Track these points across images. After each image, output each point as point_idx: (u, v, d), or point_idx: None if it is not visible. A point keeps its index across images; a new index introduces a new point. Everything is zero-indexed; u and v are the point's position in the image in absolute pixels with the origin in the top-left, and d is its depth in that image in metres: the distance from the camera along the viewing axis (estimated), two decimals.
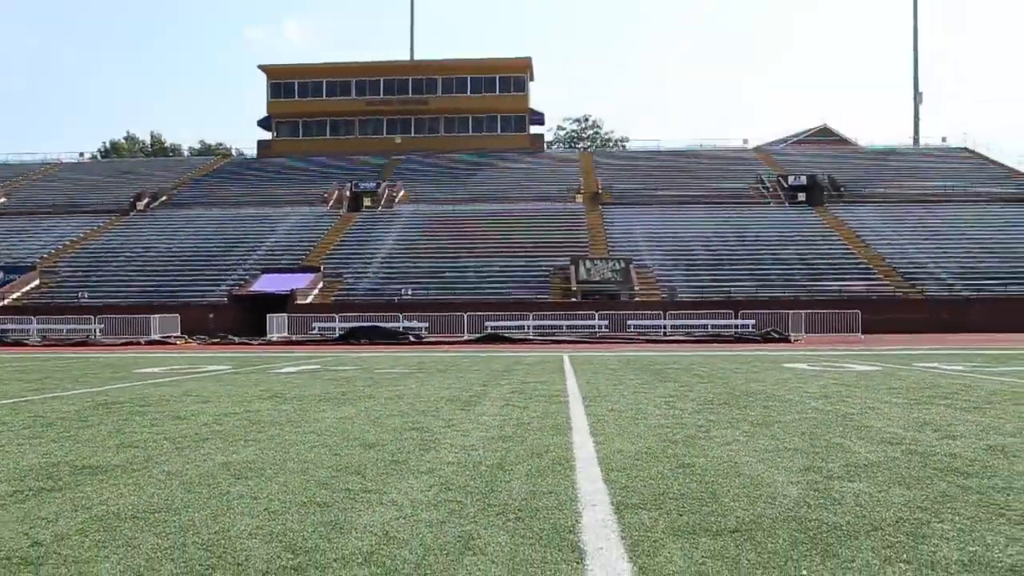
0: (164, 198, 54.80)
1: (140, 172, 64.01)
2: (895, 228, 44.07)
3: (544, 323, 32.42)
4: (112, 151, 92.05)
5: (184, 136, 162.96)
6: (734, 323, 31.34)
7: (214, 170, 63.97)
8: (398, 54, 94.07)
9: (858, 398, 8.56)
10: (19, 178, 61.20)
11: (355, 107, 65.33)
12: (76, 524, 3.50)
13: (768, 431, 6.17)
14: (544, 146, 70.07)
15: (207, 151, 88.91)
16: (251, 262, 41.56)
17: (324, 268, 40.31)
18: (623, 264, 38.29)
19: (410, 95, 65.00)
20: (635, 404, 8.13)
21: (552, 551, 3.05)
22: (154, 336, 31.50)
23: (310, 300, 36.94)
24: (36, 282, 40.39)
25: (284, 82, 65.77)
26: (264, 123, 67.73)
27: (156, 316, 33.40)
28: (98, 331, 33.55)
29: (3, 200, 55.26)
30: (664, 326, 31.98)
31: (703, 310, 32.88)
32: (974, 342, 23.78)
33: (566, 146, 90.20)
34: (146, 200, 53.73)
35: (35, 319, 34.33)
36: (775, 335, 27.06)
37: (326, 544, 3.16)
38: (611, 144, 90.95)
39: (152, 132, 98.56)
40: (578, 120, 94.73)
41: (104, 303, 36.62)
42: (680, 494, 3.99)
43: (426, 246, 43.57)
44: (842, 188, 51.76)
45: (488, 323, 31.85)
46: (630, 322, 32.52)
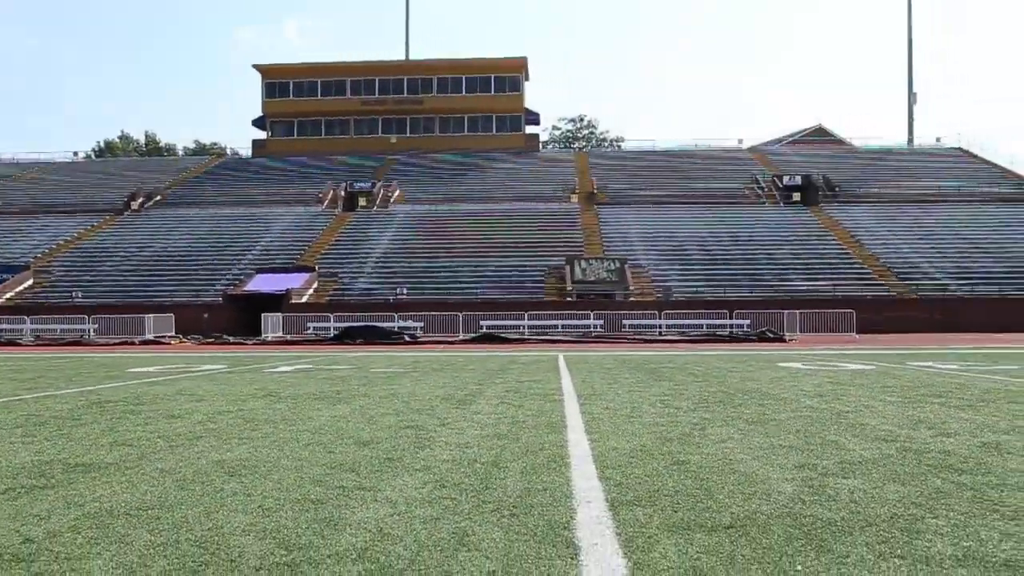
0: (158, 198, 54.68)
1: (134, 172, 63.86)
2: (889, 228, 44.19)
3: (539, 323, 32.43)
4: (106, 151, 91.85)
5: (179, 136, 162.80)
6: (729, 323, 31.39)
7: (209, 170, 63.86)
8: (393, 54, 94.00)
9: (852, 396, 8.57)
10: (12, 177, 60.99)
11: (350, 107, 65.29)
12: (68, 521, 3.48)
13: (763, 429, 6.17)
14: (539, 146, 70.14)
15: (202, 151, 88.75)
16: (246, 262, 41.49)
17: (319, 268, 40.26)
18: (618, 264, 38.32)
19: (405, 95, 64.98)
20: (630, 403, 8.13)
21: (546, 547, 3.04)
22: (148, 336, 31.42)
23: (305, 300, 36.90)
24: (29, 282, 40.27)
25: (279, 82, 65.70)
26: (259, 123, 67.66)
27: (150, 316, 33.31)
28: (92, 331, 33.45)
29: None
30: (659, 326, 32.01)
31: (698, 310, 32.91)
32: (968, 342, 23.85)
33: (561, 146, 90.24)
34: (140, 200, 53.62)
35: (28, 319, 34.22)
36: (770, 335, 27.11)
37: (320, 541, 3.15)
38: (606, 144, 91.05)
39: (147, 132, 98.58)
40: (573, 120, 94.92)
41: (98, 303, 36.52)
42: (675, 491, 3.98)
43: (421, 246, 43.55)
44: (837, 188, 51.89)
45: (483, 323, 31.84)
46: (625, 322, 32.54)
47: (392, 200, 52.86)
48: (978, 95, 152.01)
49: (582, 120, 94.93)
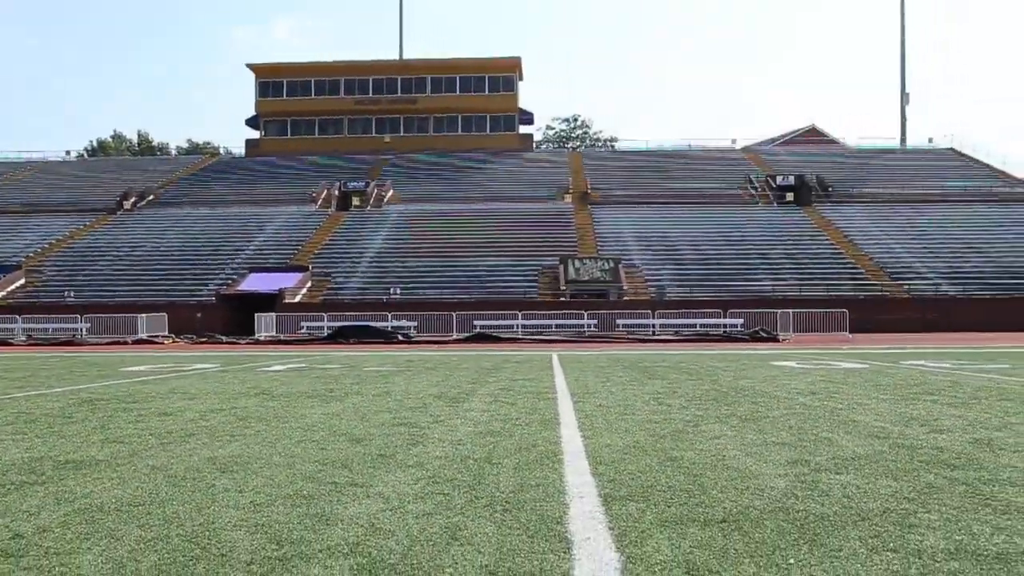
0: (151, 197, 54.50)
1: (127, 171, 63.60)
2: (882, 228, 44.31)
3: (533, 323, 32.42)
4: (99, 150, 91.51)
5: (172, 135, 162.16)
6: (723, 322, 31.43)
7: (202, 169, 63.67)
8: (387, 54, 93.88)
9: (846, 394, 8.58)
10: (4, 176, 60.70)
11: (344, 106, 65.18)
12: (58, 517, 3.46)
13: (756, 426, 6.18)
14: (533, 146, 70.15)
15: (195, 150, 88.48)
16: (239, 261, 41.38)
17: (312, 267, 40.18)
18: (612, 264, 38.34)
19: (399, 94, 64.90)
20: (623, 400, 8.13)
21: (539, 541, 3.04)
22: (141, 335, 31.31)
23: (298, 299, 36.82)
24: (21, 281, 40.10)
25: (272, 81, 65.55)
26: (252, 122, 67.49)
27: (143, 315, 33.19)
28: (84, 330, 33.33)
29: None
30: (653, 325, 32.03)
31: (692, 309, 32.94)
32: (960, 341, 23.93)
33: (555, 146, 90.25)
34: (133, 199, 53.43)
35: (20, 318, 34.07)
36: (763, 334, 27.14)
37: (311, 535, 3.13)
38: (600, 144, 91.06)
39: (139, 131, 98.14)
40: (567, 120, 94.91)
41: (90, 302, 36.38)
42: (668, 486, 3.98)
43: (415, 245, 43.50)
44: (830, 188, 52.01)
45: (477, 323, 31.82)
46: (619, 321, 32.56)
47: (386, 200, 52.79)
48: (978, 95, 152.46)
49: (576, 120, 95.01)
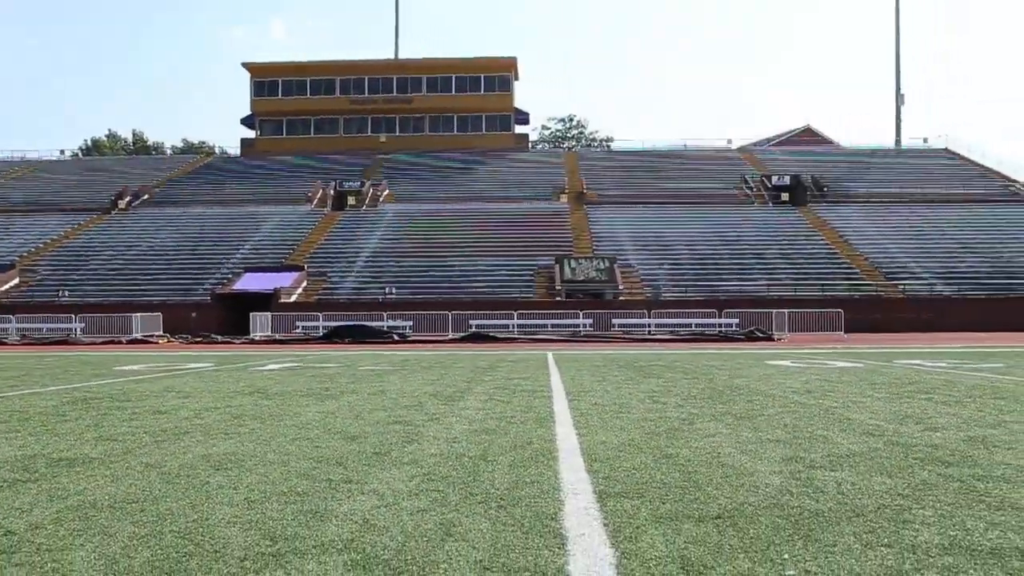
0: (146, 196, 54.38)
1: (122, 170, 63.46)
2: (877, 228, 44.41)
3: (529, 322, 32.42)
4: (93, 149, 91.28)
5: (167, 135, 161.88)
6: (718, 322, 31.47)
7: (197, 169, 63.56)
8: (383, 53, 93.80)
9: (840, 393, 8.60)
10: None
11: (339, 106, 65.11)
12: (51, 514, 3.44)
13: (751, 424, 6.18)
14: (529, 145, 70.15)
15: (190, 149, 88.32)
16: (234, 261, 41.31)
17: (308, 267, 40.13)
18: (607, 263, 38.36)
19: (394, 94, 64.85)
20: (619, 399, 8.13)
21: (534, 537, 3.03)
22: (136, 335, 31.24)
23: (294, 299, 36.77)
24: (15, 280, 39.98)
25: (268, 80, 65.45)
26: (247, 121, 67.37)
27: (138, 315, 33.12)
28: (79, 330, 33.24)
29: None
30: (648, 325, 32.06)
31: (687, 309, 32.98)
32: (955, 341, 23.98)
33: (551, 146, 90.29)
34: (128, 198, 53.30)
35: (14, 318, 33.96)
36: (759, 334, 27.18)
37: (305, 531, 3.13)
38: (595, 144, 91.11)
39: (134, 130, 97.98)
40: (563, 120, 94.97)
41: (85, 302, 36.29)
42: (663, 483, 3.98)
43: (410, 245, 43.47)
44: (825, 188, 52.10)
45: (472, 322, 31.82)
46: (614, 321, 32.58)
47: (381, 199, 52.75)
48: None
49: (571, 120, 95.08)
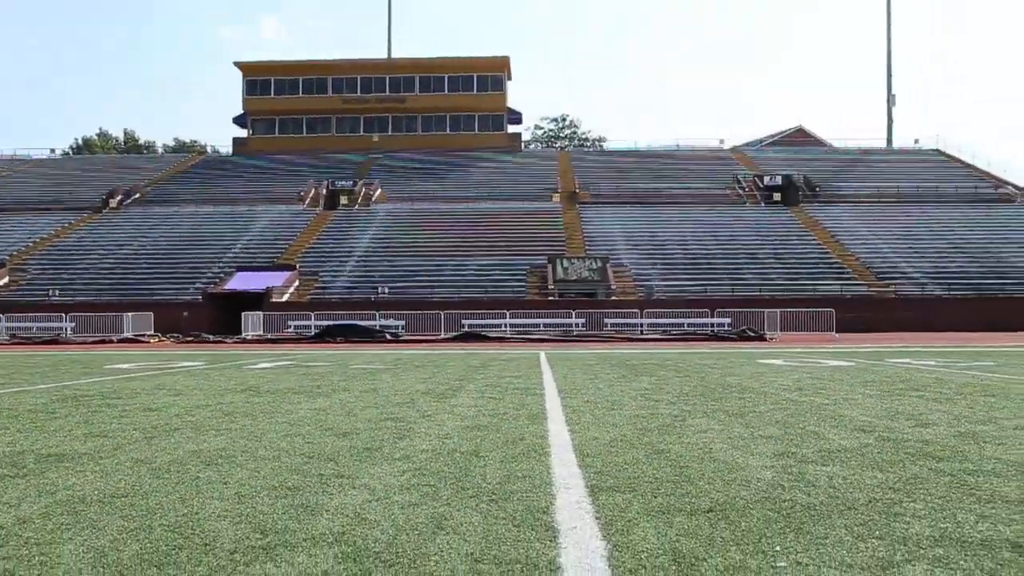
0: (138, 195, 54.17)
1: (113, 169, 63.20)
2: (869, 228, 44.56)
3: (521, 322, 32.42)
4: (84, 148, 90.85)
5: (158, 134, 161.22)
6: (710, 321, 31.53)
7: (189, 167, 63.35)
8: (376, 53, 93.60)
9: (832, 390, 8.62)
10: None
11: (332, 105, 64.99)
12: (40, 508, 3.42)
13: (743, 420, 6.19)
14: (522, 145, 70.15)
15: (182, 148, 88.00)
16: (226, 260, 41.19)
17: (300, 266, 40.04)
18: (600, 263, 38.39)
19: (387, 93, 64.76)
20: (611, 396, 8.13)
21: (525, 530, 3.02)
22: (126, 334, 31.10)
23: (286, 298, 36.68)
24: (5, 279, 39.76)
25: (260, 79, 65.28)
26: (240, 120, 67.19)
27: (129, 314, 32.97)
28: (69, 329, 33.08)
29: None
30: (641, 325, 32.09)
31: (679, 309, 33.03)
32: (946, 340, 24.09)
33: (544, 145, 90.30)
34: (119, 197, 53.09)
35: (3, 317, 33.75)
36: (751, 333, 27.24)
37: (296, 525, 3.11)
38: (588, 144, 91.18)
39: (125, 129, 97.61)
40: (556, 120, 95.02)
41: (75, 301, 36.11)
42: (655, 478, 3.98)
43: (403, 245, 43.42)
44: (817, 188, 52.26)
45: (465, 322, 31.80)
46: (607, 320, 32.61)
47: (374, 199, 52.67)
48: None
49: (564, 120, 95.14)
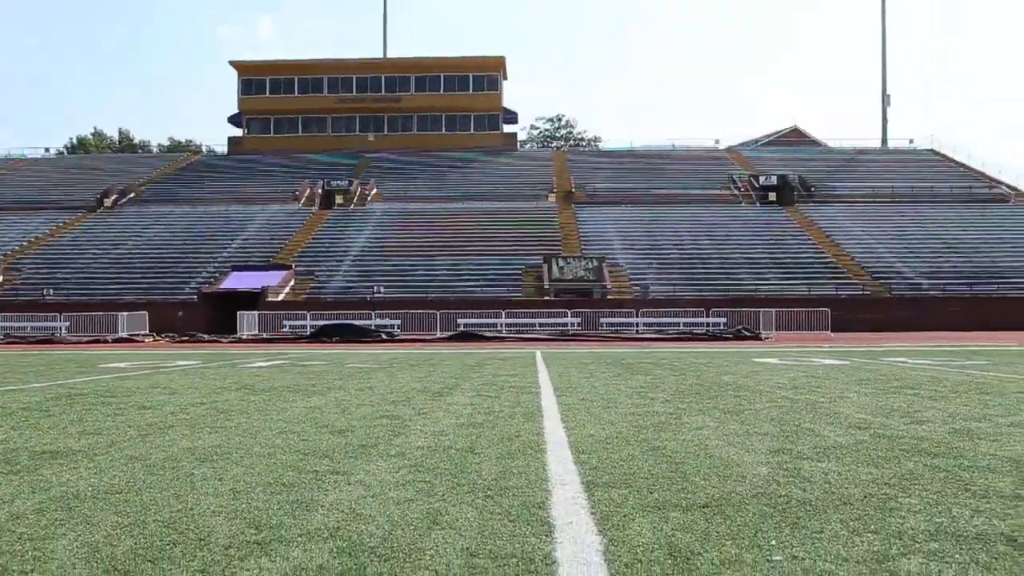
0: (132, 195, 54.04)
1: (108, 168, 63.03)
2: (864, 228, 44.65)
3: (517, 321, 32.42)
4: (79, 147, 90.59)
5: (153, 133, 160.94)
6: (706, 321, 31.57)
7: (184, 167, 63.23)
8: (371, 52, 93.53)
9: (827, 388, 8.63)
10: None
11: (327, 104, 64.91)
12: (33, 504, 3.41)
13: (738, 417, 6.19)
14: (517, 145, 70.13)
15: (177, 148, 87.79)
16: (221, 259, 41.12)
17: (295, 266, 39.99)
18: (596, 263, 38.41)
19: (383, 93, 64.71)
20: (606, 394, 8.13)
21: (521, 525, 3.02)
22: (121, 334, 31.02)
23: (281, 298, 36.63)
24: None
25: (255, 79, 65.17)
26: (235, 120, 67.07)
27: (124, 314, 32.89)
28: (63, 329, 32.99)
29: None
30: (636, 324, 32.12)
31: (675, 308, 33.06)
32: (940, 339, 24.15)
33: (539, 145, 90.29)
34: (114, 197, 52.96)
35: None
36: (746, 333, 27.28)
37: (291, 520, 3.10)
38: (584, 144, 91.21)
39: (120, 128, 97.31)
40: (551, 120, 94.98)
41: (70, 301, 36.02)
42: (650, 473, 3.98)
43: (398, 244, 43.39)
44: (812, 188, 52.35)
45: (461, 321, 31.79)
46: (603, 320, 32.63)
47: (369, 198, 52.63)
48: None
49: (560, 120, 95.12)
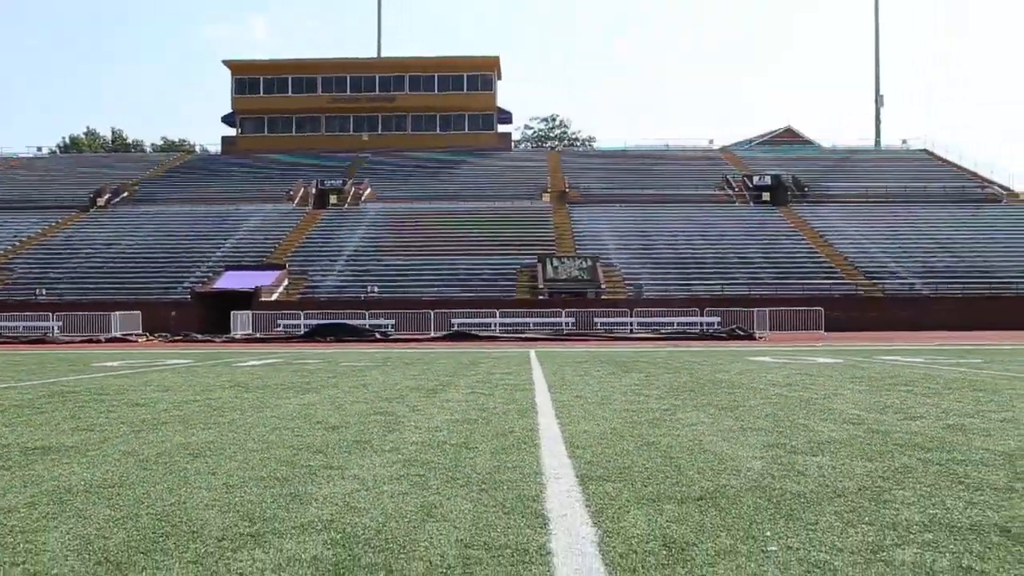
0: (126, 194, 53.83)
1: (101, 168, 62.78)
2: (857, 228, 44.74)
3: (511, 321, 32.40)
4: (72, 146, 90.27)
5: (146, 132, 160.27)
6: (700, 320, 31.60)
7: (177, 166, 63.03)
8: (365, 52, 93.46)
9: (821, 386, 8.65)
10: None
11: (321, 104, 64.77)
12: (25, 498, 3.39)
13: (733, 414, 6.20)
14: (512, 145, 70.09)
15: (170, 147, 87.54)
16: (215, 259, 40.99)
17: (289, 265, 39.89)
18: (590, 262, 38.42)
19: (377, 92, 64.60)
20: (601, 392, 8.14)
21: (516, 517, 3.02)
22: (114, 334, 30.90)
23: (275, 297, 36.54)
24: None
25: (249, 78, 65.00)
26: (228, 119, 66.89)
27: (117, 313, 32.75)
28: (56, 329, 32.84)
29: None
30: (630, 323, 32.13)
31: (669, 308, 33.08)
32: (933, 339, 24.22)
33: (533, 145, 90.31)
34: (107, 196, 52.76)
35: None
36: (740, 332, 27.31)
37: (285, 513, 3.09)
38: (578, 144, 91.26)
39: (113, 128, 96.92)
40: (545, 119, 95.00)
41: (62, 300, 35.87)
42: (645, 468, 3.98)
43: (393, 244, 43.33)
44: (806, 188, 52.44)
45: (455, 321, 31.75)
46: (597, 320, 32.63)
47: (363, 198, 52.54)
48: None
49: (554, 120, 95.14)
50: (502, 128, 67.74)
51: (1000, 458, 4.21)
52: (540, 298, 36.40)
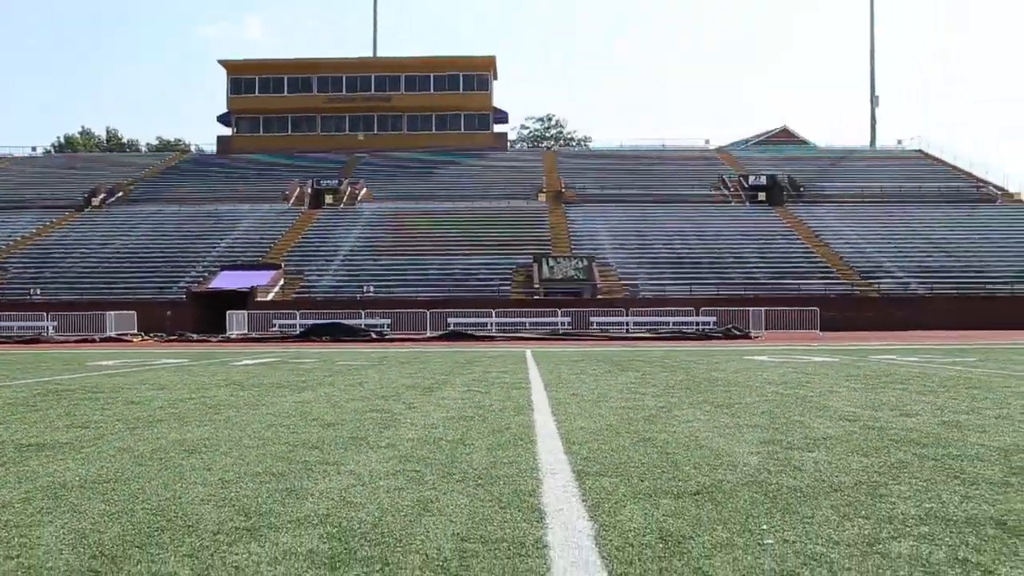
0: (121, 194, 53.71)
1: (96, 167, 62.62)
2: (853, 228, 44.82)
3: (507, 320, 32.38)
4: (67, 146, 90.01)
5: (141, 132, 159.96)
6: (696, 320, 31.61)
7: (172, 166, 62.91)
8: (361, 52, 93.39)
9: (817, 384, 8.66)
10: None
11: (317, 104, 64.68)
12: (20, 494, 3.38)
13: (729, 411, 6.20)
14: (507, 145, 70.09)
15: (165, 147, 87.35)
16: (210, 259, 40.92)
17: (285, 265, 39.84)
18: (586, 262, 38.42)
19: (373, 92, 64.52)
20: (597, 390, 8.14)
21: (512, 512, 3.01)
22: (109, 334, 30.82)
23: (271, 297, 36.48)
24: None
25: (245, 77, 64.88)
26: (224, 119, 66.76)
27: (112, 313, 32.66)
28: (51, 328, 32.74)
29: None
30: (626, 323, 32.13)
31: (665, 307, 33.09)
32: (929, 338, 24.28)
33: (529, 145, 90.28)
34: (102, 196, 52.62)
35: None
36: (736, 332, 27.34)
37: (281, 508, 3.09)
38: (574, 144, 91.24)
39: (108, 127, 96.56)
40: (541, 119, 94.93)
41: (57, 300, 35.78)
42: (641, 463, 3.98)
43: (388, 244, 43.29)
44: (801, 188, 52.52)
45: (451, 320, 31.73)
46: (593, 319, 32.63)
47: (359, 198, 52.49)
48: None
49: (550, 119, 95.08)
50: (498, 128, 67.72)
51: (995, 453, 4.22)
52: (536, 298, 36.40)
